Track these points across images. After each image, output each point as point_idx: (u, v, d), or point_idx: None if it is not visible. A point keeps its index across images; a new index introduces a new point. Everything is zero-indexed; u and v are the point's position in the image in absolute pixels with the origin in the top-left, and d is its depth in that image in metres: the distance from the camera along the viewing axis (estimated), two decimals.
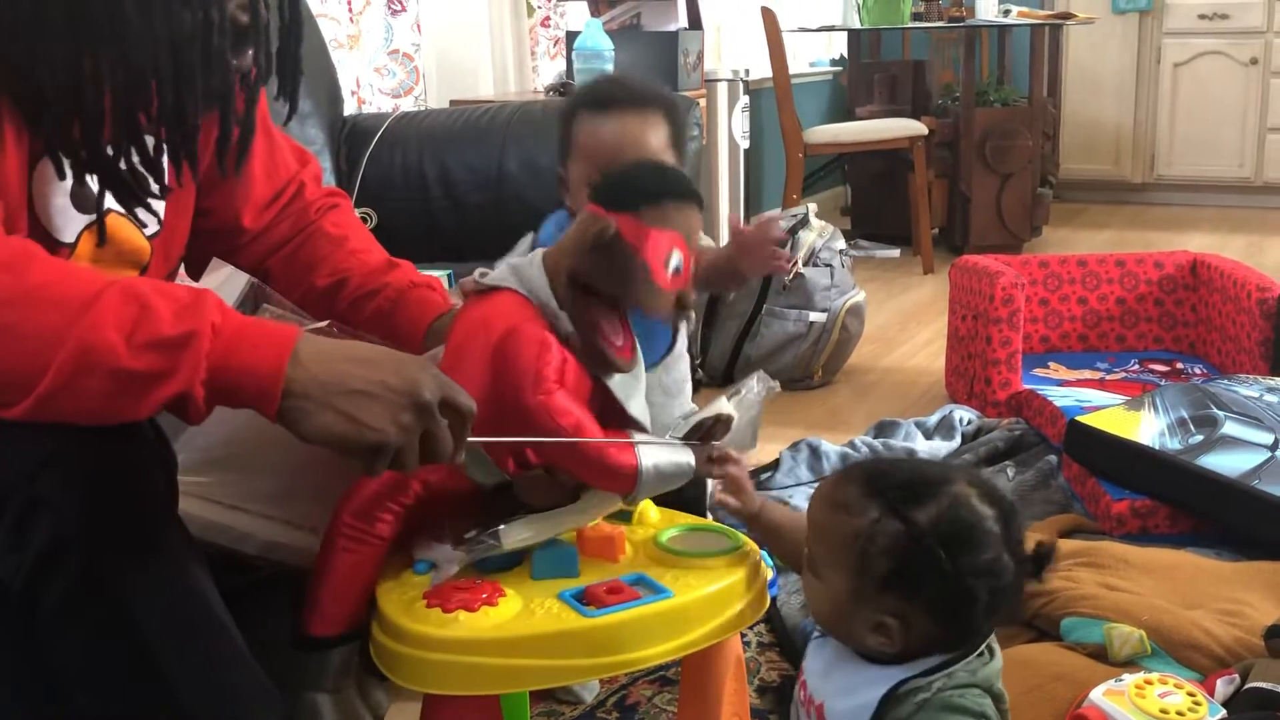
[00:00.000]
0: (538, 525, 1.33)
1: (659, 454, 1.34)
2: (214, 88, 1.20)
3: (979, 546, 1.16)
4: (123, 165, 1.23)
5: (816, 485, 1.25)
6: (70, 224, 1.28)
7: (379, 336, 1.51)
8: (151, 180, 1.26)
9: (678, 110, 1.72)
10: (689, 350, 1.79)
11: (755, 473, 2.64)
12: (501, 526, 1.30)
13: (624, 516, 1.47)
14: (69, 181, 1.26)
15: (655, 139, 1.66)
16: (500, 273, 1.39)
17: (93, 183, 1.26)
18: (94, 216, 1.29)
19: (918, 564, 1.15)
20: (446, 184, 2.58)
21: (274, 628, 1.37)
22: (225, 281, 1.55)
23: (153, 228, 1.37)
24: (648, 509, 1.49)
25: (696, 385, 3.54)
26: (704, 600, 1.32)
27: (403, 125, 2.68)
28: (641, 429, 1.40)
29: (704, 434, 1.40)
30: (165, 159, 1.26)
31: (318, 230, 1.60)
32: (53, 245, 1.26)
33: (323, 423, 1.10)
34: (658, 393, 1.66)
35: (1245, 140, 6.07)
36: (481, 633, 1.23)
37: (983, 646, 1.22)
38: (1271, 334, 2.83)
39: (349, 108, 3.14)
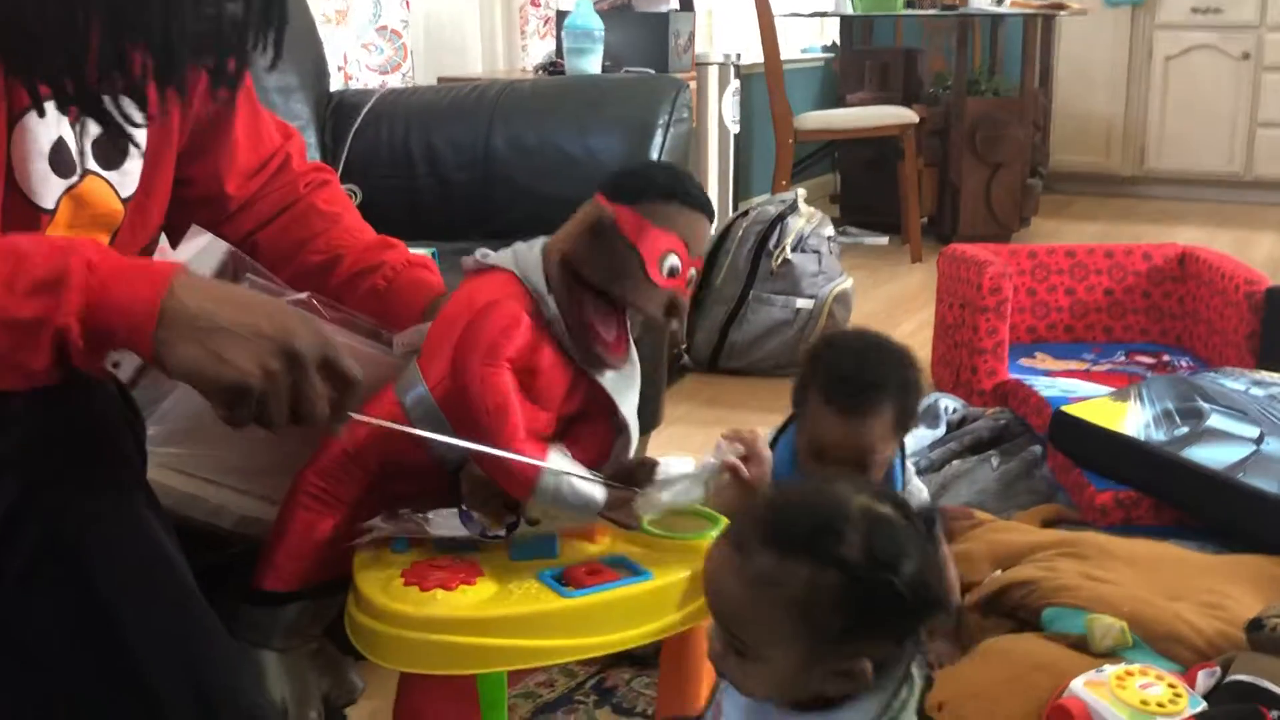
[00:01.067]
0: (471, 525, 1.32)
1: (569, 479, 1.30)
2: (205, 15, 1.17)
3: (908, 551, 1.06)
4: (107, 99, 1.20)
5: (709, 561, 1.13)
6: (51, 190, 1.26)
7: (373, 315, 1.49)
8: (136, 109, 1.22)
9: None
10: (676, 337, 1.77)
11: None
12: (436, 514, 1.31)
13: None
14: (49, 143, 1.24)
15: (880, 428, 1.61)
16: (501, 253, 1.39)
17: (69, 131, 1.24)
18: (74, 180, 1.27)
19: (872, 602, 1.05)
20: (433, 162, 2.56)
21: None
22: (203, 250, 1.52)
23: (129, 189, 1.35)
24: None
25: (682, 371, 3.55)
26: (684, 582, 1.31)
27: (390, 102, 2.66)
28: (628, 431, 1.39)
29: (626, 479, 1.36)
30: (151, 86, 1.21)
31: (310, 206, 1.57)
32: (34, 213, 1.24)
33: (186, 355, 1.07)
34: None
35: (1236, 135, 6.08)
36: (459, 612, 1.22)
37: (901, 677, 1.12)
38: (1259, 327, 2.83)
39: (336, 83, 3.11)
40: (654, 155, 2.48)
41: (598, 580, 1.27)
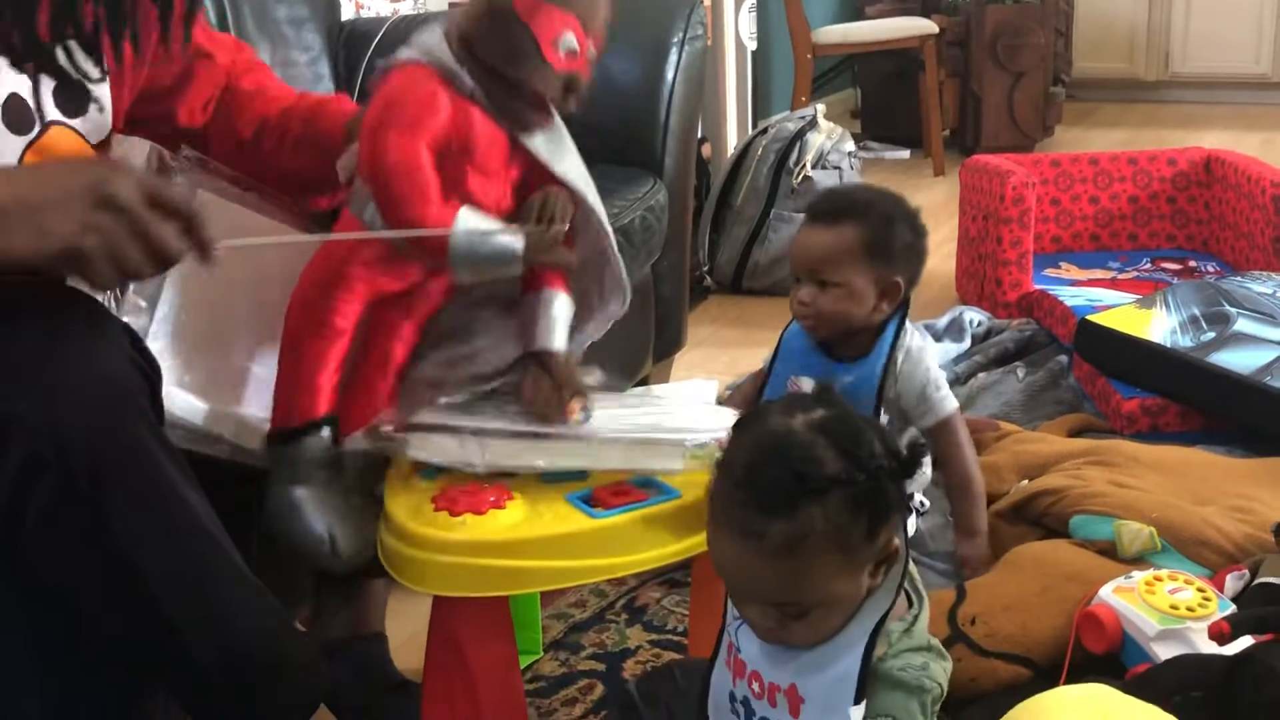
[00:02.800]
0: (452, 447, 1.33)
1: (479, 227, 1.33)
2: None
3: (863, 426, 1.10)
4: (60, 53, 1.19)
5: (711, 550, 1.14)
6: (9, 146, 1.23)
7: (306, 161, 1.49)
8: (91, 65, 1.22)
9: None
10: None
11: None
12: (416, 437, 1.34)
13: None
14: (5, 93, 1.21)
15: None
16: (402, 49, 1.38)
17: (24, 85, 1.22)
18: (34, 133, 1.24)
19: (873, 493, 1.06)
20: None
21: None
22: (131, 147, 1.48)
23: (99, 137, 1.32)
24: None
25: (705, 292, 3.54)
26: None
27: (402, 29, 2.63)
28: (573, 187, 1.41)
29: (539, 218, 1.38)
30: (105, 39, 1.22)
31: (234, 89, 1.55)
32: None
33: (12, 246, 1.03)
34: None
35: (1262, 36, 5.97)
36: (489, 535, 1.24)
37: (908, 591, 1.15)
38: None
39: (347, 12, 3.09)
40: (669, 74, 2.46)
41: (625, 500, 1.29)
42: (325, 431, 1.36)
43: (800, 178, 3.45)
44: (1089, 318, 2.47)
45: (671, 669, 1.36)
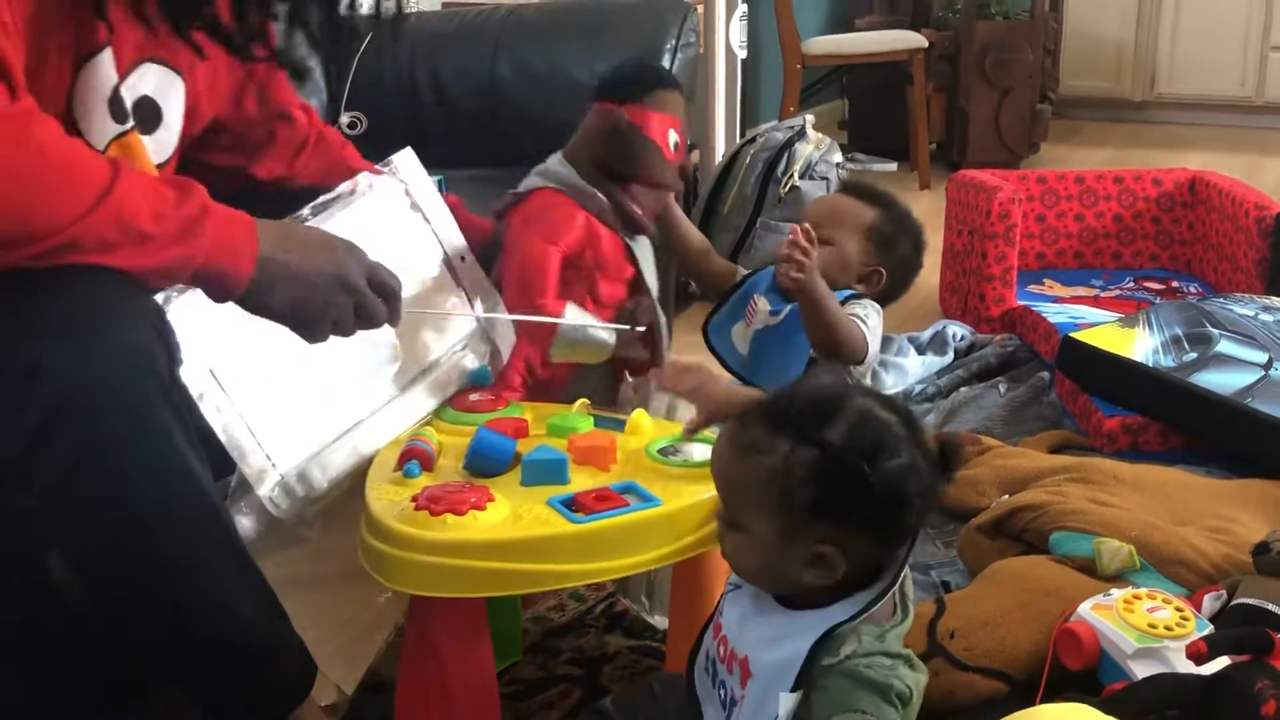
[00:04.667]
0: None
1: (582, 328, 1.61)
2: None
3: (893, 450, 1.10)
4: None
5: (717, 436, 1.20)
6: (104, 133, 1.31)
7: None
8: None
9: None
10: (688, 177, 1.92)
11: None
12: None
13: (617, 426, 1.47)
14: (110, 88, 1.29)
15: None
16: (526, 180, 1.71)
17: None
18: (125, 128, 1.32)
19: (842, 482, 1.09)
20: (438, 89, 2.54)
21: None
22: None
23: (161, 157, 1.41)
24: (640, 419, 1.48)
25: (690, 299, 3.54)
26: (693, 509, 1.32)
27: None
28: (649, 293, 1.73)
29: (629, 321, 1.67)
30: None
31: (321, 136, 1.70)
32: None
33: (272, 303, 1.26)
34: None
35: (1247, 59, 5.99)
36: (468, 536, 1.24)
37: (896, 601, 1.16)
38: (1268, 253, 2.81)
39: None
40: None
41: (607, 506, 1.28)
42: None
43: (788, 187, 3.45)
44: (1072, 335, 2.47)
45: (649, 683, 1.35)
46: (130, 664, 1.35)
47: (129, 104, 1.34)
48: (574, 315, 1.61)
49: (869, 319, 1.82)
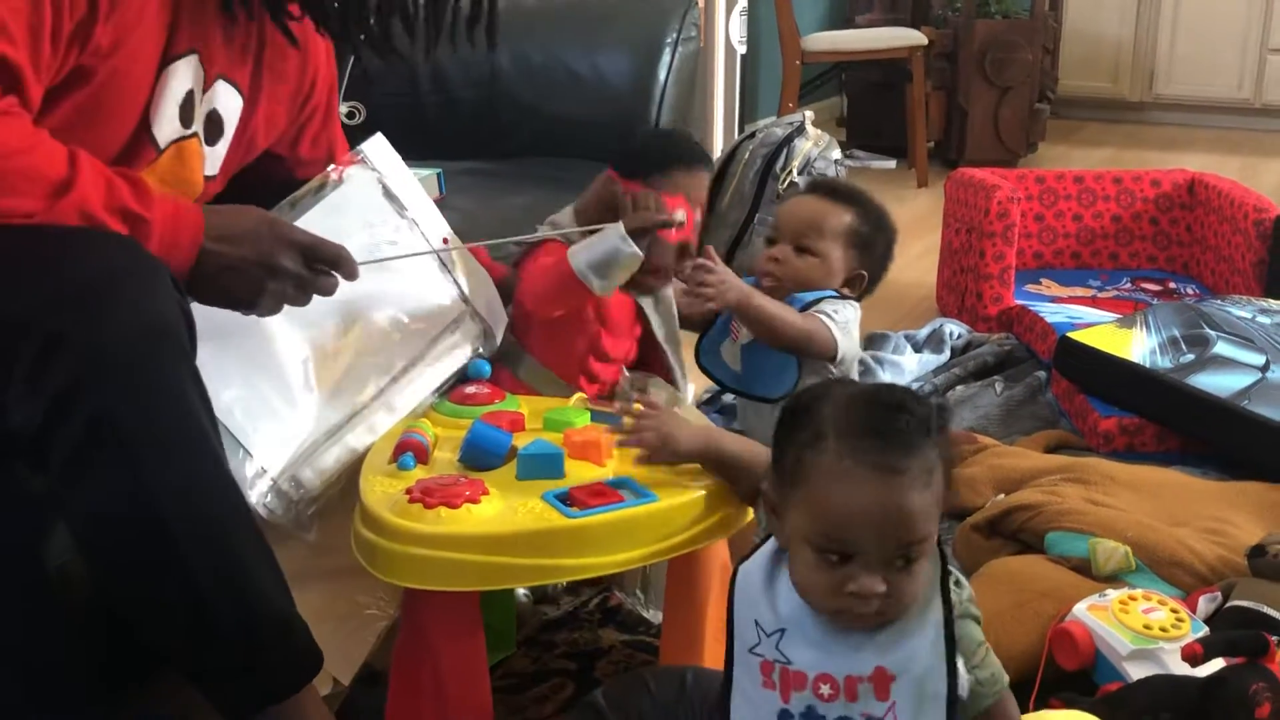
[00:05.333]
0: None
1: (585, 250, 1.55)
2: None
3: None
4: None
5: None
6: (169, 134, 1.38)
7: None
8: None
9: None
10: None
11: None
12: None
13: (614, 421, 1.47)
14: (184, 92, 1.37)
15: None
16: (540, 231, 1.67)
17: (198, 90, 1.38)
18: (187, 133, 1.40)
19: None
20: (437, 80, 2.53)
21: None
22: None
23: (211, 169, 1.47)
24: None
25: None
26: (688, 505, 1.31)
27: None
28: (663, 350, 1.72)
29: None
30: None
31: None
32: (149, 149, 1.37)
33: (204, 294, 1.31)
34: None
35: (1246, 61, 6.00)
36: (462, 529, 1.23)
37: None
38: (1266, 255, 2.81)
39: None
40: (661, 75, 2.45)
41: (602, 501, 1.28)
42: None
43: (786, 184, 3.44)
44: (1069, 335, 2.47)
45: (642, 675, 1.35)
46: (129, 646, 1.35)
47: (201, 113, 1.42)
48: (576, 253, 1.57)
49: (838, 313, 1.79)
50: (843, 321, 1.79)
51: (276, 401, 1.42)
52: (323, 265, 1.38)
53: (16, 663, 1.21)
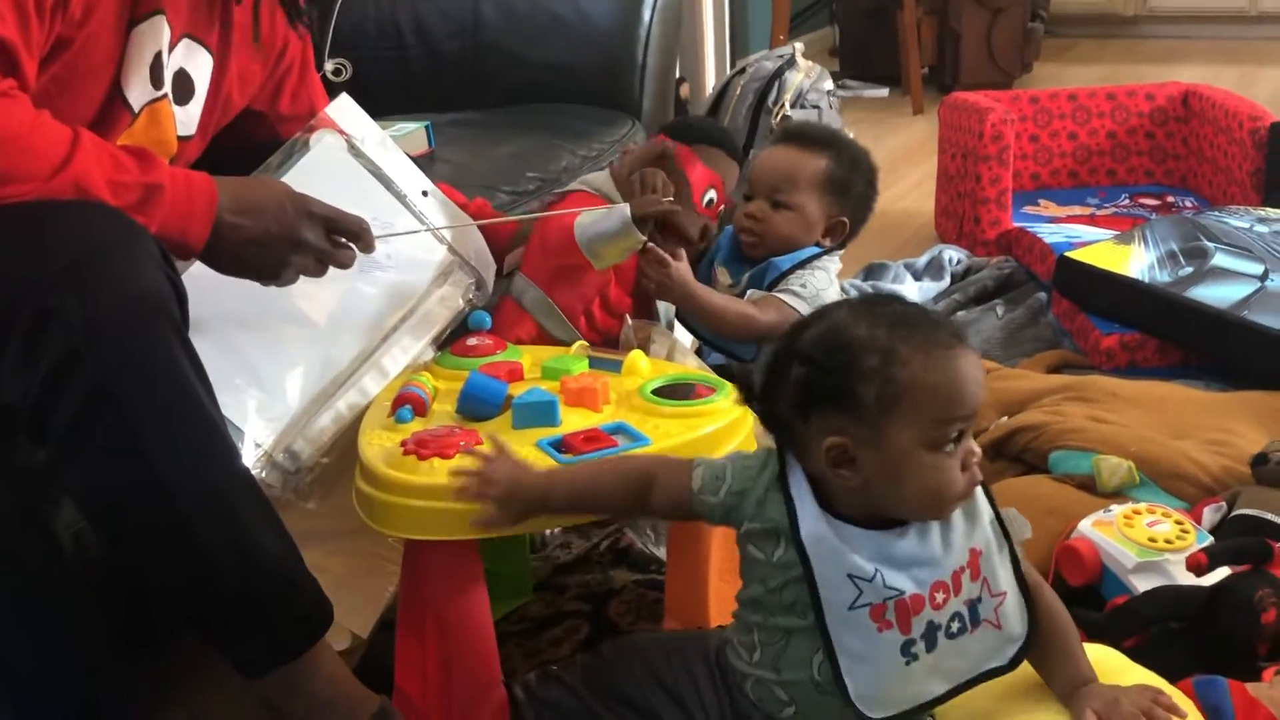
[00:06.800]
0: None
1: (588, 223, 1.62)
2: None
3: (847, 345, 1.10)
4: None
5: None
6: (141, 96, 1.39)
7: None
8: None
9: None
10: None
11: None
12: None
13: (614, 367, 1.47)
14: (153, 53, 1.36)
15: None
16: (573, 184, 1.74)
17: (165, 50, 1.38)
18: (159, 94, 1.40)
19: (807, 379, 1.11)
20: (421, 31, 2.52)
21: None
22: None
23: (187, 130, 1.48)
24: (637, 359, 1.48)
25: None
26: (683, 447, 1.31)
27: None
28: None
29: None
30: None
31: None
32: (122, 113, 1.38)
33: (224, 265, 1.35)
34: None
35: None
36: (455, 479, 1.23)
37: None
38: (1263, 164, 2.79)
39: None
40: (646, 14, 2.44)
41: (596, 446, 1.28)
42: None
43: (779, 117, 3.42)
44: (1067, 254, 2.47)
45: (599, 650, 1.31)
46: (148, 607, 1.37)
47: (169, 73, 1.41)
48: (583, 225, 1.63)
49: (805, 286, 1.78)
50: (811, 294, 1.77)
51: (265, 374, 1.43)
52: (343, 238, 1.41)
53: (34, 628, 1.22)
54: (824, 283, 1.80)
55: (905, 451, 1.09)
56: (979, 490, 1.16)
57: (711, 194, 1.72)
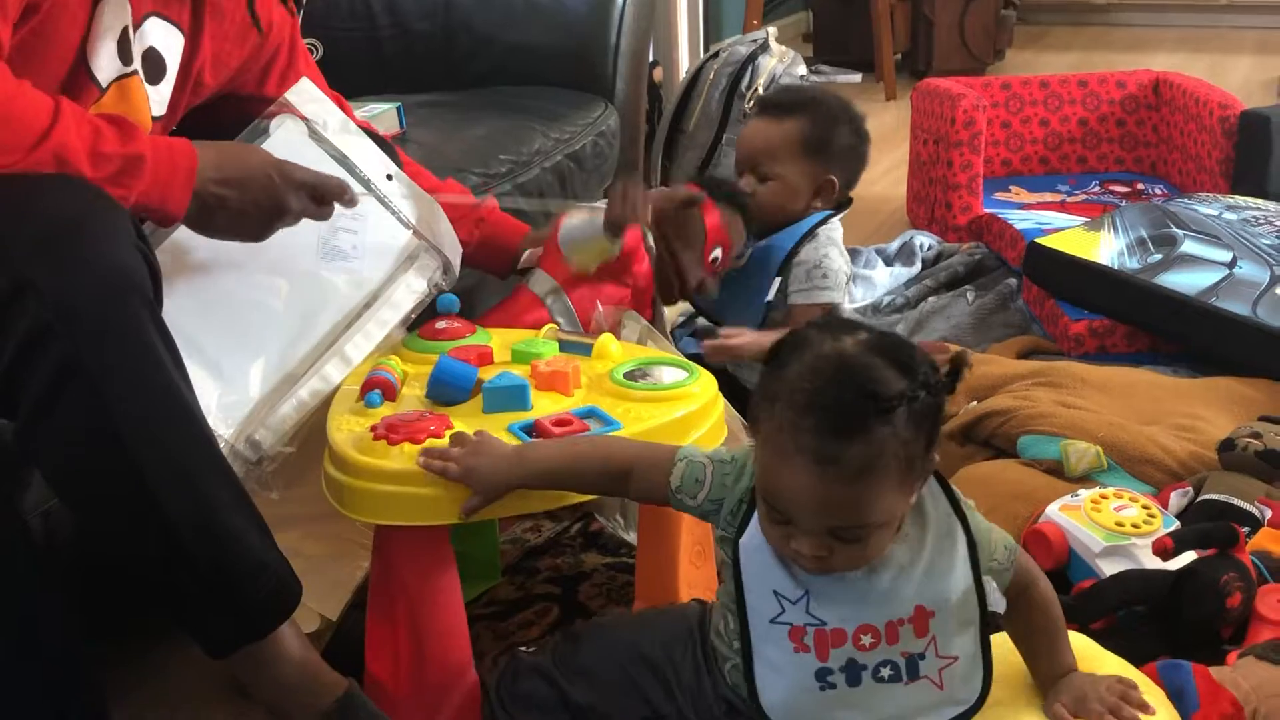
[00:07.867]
0: None
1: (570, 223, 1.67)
2: None
3: (915, 348, 1.08)
4: None
5: None
6: (109, 72, 1.37)
7: (484, 257, 1.76)
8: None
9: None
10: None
11: None
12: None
13: (585, 350, 1.47)
14: (120, 28, 1.35)
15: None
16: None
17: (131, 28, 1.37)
18: (128, 70, 1.39)
19: (932, 400, 1.06)
20: (393, 11, 2.50)
21: None
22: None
23: (158, 110, 1.47)
24: (608, 343, 1.48)
25: None
26: (653, 432, 1.31)
27: None
28: None
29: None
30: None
31: None
32: (90, 87, 1.36)
33: (210, 230, 1.39)
34: None
35: None
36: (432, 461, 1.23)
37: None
38: (1232, 152, 2.81)
39: None
40: None
41: (567, 430, 1.28)
42: None
43: (752, 102, 3.42)
44: (1038, 240, 2.47)
45: (572, 631, 1.33)
46: (115, 585, 1.36)
47: (137, 50, 1.41)
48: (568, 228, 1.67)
49: (826, 276, 1.83)
50: (835, 280, 1.82)
51: (225, 364, 1.42)
52: (327, 197, 1.45)
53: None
54: (838, 261, 1.83)
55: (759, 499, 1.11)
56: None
57: (718, 252, 1.78)
